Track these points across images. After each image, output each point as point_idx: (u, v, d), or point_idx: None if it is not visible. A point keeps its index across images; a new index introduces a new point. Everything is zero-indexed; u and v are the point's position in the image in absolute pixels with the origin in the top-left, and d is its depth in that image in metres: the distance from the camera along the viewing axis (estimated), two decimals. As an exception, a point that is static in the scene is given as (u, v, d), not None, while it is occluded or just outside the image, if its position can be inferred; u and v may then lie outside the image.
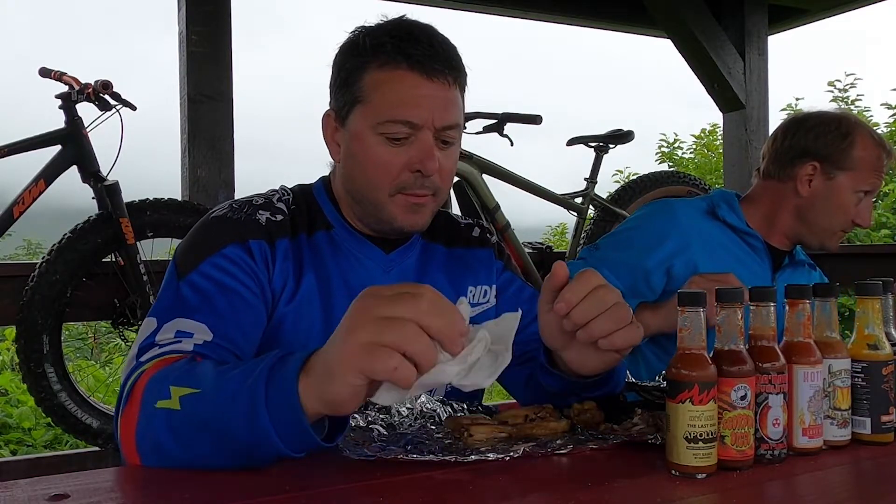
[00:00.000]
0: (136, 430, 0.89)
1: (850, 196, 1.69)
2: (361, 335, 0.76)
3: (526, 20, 4.30)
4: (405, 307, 0.76)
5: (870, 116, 10.11)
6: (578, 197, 3.23)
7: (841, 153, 1.69)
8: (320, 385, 0.78)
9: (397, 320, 0.75)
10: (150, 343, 1.00)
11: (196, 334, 1.00)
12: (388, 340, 0.75)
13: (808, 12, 4.24)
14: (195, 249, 1.10)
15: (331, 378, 0.77)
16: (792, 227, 1.74)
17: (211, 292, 1.05)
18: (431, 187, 1.14)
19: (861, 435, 0.99)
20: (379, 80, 1.12)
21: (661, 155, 10.50)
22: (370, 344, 0.75)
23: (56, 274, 2.40)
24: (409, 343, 0.75)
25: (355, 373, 0.75)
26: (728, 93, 4.05)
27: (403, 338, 0.75)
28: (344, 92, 1.15)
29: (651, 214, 1.76)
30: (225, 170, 3.01)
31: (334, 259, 1.18)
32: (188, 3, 2.96)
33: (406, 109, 1.10)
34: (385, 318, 0.76)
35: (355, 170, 1.16)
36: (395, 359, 0.74)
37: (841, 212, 1.70)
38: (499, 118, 3.00)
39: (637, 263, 1.66)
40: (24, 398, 4.46)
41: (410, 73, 1.10)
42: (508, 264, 1.36)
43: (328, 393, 0.78)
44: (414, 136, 1.11)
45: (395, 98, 1.10)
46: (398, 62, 1.10)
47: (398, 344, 0.74)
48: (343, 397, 0.77)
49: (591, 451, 0.95)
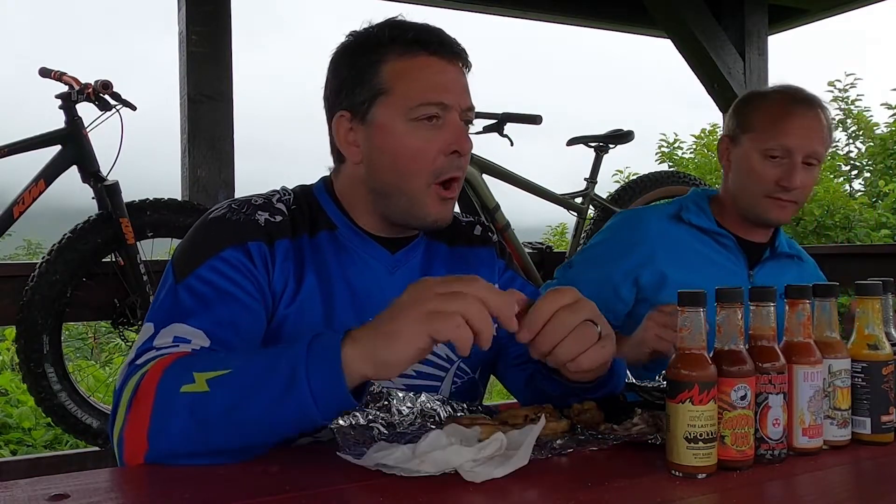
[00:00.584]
0: (148, 422, 0.89)
1: (756, 157, 1.63)
2: (427, 305, 0.86)
3: (526, 20, 4.29)
4: (465, 285, 0.88)
5: (870, 116, 10.12)
6: (578, 197, 3.22)
7: (743, 118, 1.68)
8: (377, 349, 0.86)
9: (459, 293, 0.87)
10: (148, 348, 1.00)
11: (193, 340, 1.00)
12: (452, 308, 0.86)
13: (808, 12, 4.24)
14: (193, 252, 1.09)
15: (395, 340, 0.86)
16: (736, 208, 1.70)
17: (209, 297, 1.04)
18: (462, 168, 1.16)
19: (861, 435, 0.99)
20: (401, 68, 1.13)
21: (661, 155, 10.50)
22: (436, 310, 0.86)
23: (56, 274, 2.40)
24: (471, 311, 0.86)
25: (423, 335, 0.86)
26: (728, 93, 4.04)
27: (466, 307, 0.86)
28: (361, 89, 1.14)
29: (618, 226, 1.75)
30: (225, 170, 3.01)
31: (337, 259, 1.16)
32: (188, 3, 2.96)
33: (437, 92, 1.12)
34: (447, 292, 0.87)
35: (385, 163, 1.14)
36: (457, 320, 0.85)
37: (754, 175, 1.64)
38: (499, 118, 2.99)
39: (606, 277, 1.66)
40: (24, 398, 4.46)
41: (432, 58, 1.13)
42: (510, 263, 1.35)
43: (390, 354, 0.86)
44: (443, 120, 1.13)
45: (425, 83, 1.12)
46: (417, 50, 1.13)
47: (462, 311, 0.85)
48: (404, 357, 0.87)
49: (591, 451, 0.95)
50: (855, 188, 10.15)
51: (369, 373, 0.87)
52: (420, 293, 0.88)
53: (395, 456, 0.84)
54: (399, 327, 0.87)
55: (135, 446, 0.90)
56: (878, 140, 9.97)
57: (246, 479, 0.84)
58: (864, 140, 10.15)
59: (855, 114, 10.14)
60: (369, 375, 0.87)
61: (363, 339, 0.88)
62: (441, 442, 0.86)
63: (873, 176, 9.96)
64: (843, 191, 9.39)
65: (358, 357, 0.87)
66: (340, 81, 1.17)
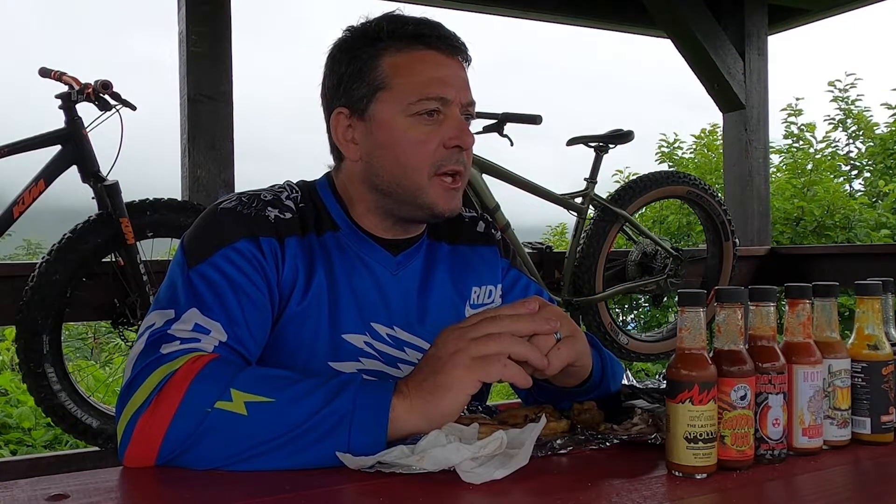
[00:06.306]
0: (168, 426, 0.87)
1: None
2: (468, 352, 0.90)
3: (526, 20, 4.30)
4: (493, 325, 0.92)
5: (870, 116, 10.11)
6: (578, 197, 3.22)
7: None
8: (429, 404, 0.89)
9: (492, 335, 0.91)
10: (166, 333, 0.97)
11: (213, 332, 0.99)
12: (493, 350, 0.90)
13: (808, 12, 4.24)
14: (207, 238, 1.07)
15: (447, 392, 0.89)
16: None
17: (223, 289, 1.03)
18: (463, 162, 1.15)
19: (861, 435, 0.99)
20: (400, 63, 1.12)
21: (661, 155, 10.49)
22: (478, 356, 0.90)
23: (56, 274, 2.40)
24: (510, 349, 0.90)
25: (473, 382, 0.89)
26: (728, 93, 4.05)
27: (503, 346, 0.90)
28: (359, 84, 1.13)
29: None
30: (225, 170, 3.01)
31: (341, 261, 1.15)
32: (188, 3, 2.96)
33: (437, 86, 1.11)
34: (481, 336, 0.91)
35: (386, 158, 1.13)
36: (502, 360, 0.90)
37: None
38: (499, 118, 2.99)
39: None
40: (24, 398, 4.46)
41: (431, 52, 1.13)
42: (514, 262, 1.33)
43: (442, 406, 0.89)
44: (443, 114, 1.12)
45: (424, 77, 1.11)
46: (415, 44, 1.12)
47: (501, 350, 0.90)
48: (458, 407, 0.90)
49: (590, 451, 0.95)
50: (855, 188, 10.15)
51: (423, 427, 0.88)
52: (456, 343, 0.91)
53: (393, 454, 0.84)
54: (448, 379, 0.89)
55: (145, 448, 0.88)
56: (878, 140, 9.96)
57: (245, 479, 0.84)
58: (864, 140, 10.15)
59: (855, 114, 10.13)
60: (422, 429, 0.88)
61: (412, 396, 0.89)
62: (440, 440, 0.86)
63: (873, 176, 9.96)
64: (843, 191, 9.38)
65: (407, 412, 0.89)
66: (338, 77, 1.15)
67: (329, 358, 1.11)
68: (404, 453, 0.84)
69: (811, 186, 8.72)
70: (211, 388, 0.88)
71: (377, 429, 0.87)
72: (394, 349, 1.15)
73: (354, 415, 0.87)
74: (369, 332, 1.14)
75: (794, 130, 10.34)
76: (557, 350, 0.96)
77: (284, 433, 0.87)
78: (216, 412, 0.87)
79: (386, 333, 1.15)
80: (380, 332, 1.15)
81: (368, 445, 0.86)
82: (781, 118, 10.32)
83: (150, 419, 0.88)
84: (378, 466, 0.85)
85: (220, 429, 0.87)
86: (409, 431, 0.89)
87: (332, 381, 0.90)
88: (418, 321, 1.18)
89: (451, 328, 0.94)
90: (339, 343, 1.12)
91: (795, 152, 10.28)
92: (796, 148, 10.37)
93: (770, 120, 4.21)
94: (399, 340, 1.16)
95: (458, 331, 0.93)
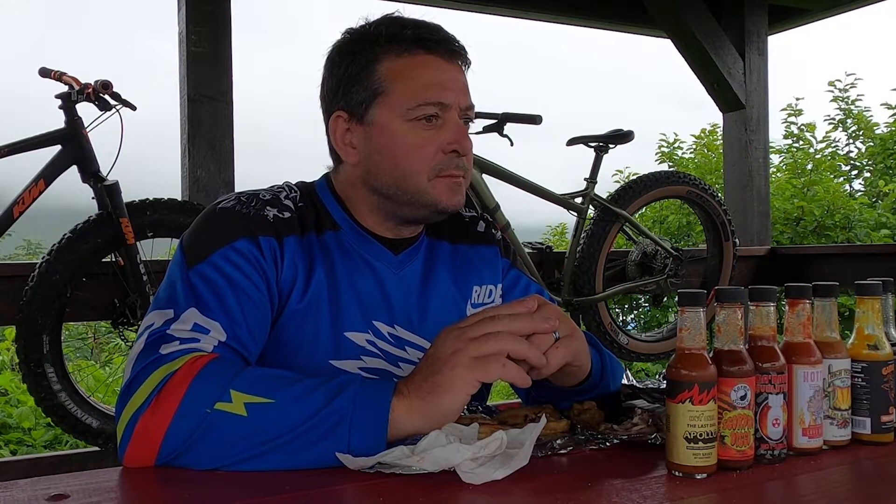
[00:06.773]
0: (168, 427, 0.87)
1: None
2: (467, 352, 0.90)
3: (526, 20, 4.30)
4: (492, 324, 0.92)
5: (870, 116, 10.10)
6: (578, 197, 3.22)
7: None
8: (429, 404, 0.89)
9: (491, 334, 0.91)
10: (165, 333, 0.97)
11: (212, 332, 0.99)
12: (492, 350, 0.90)
13: (808, 12, 4.24)
14: (206, 238, 1.07)
15: (447, 391, 0.89)
16: None
17: (222, 288, 1.03)
18: (463, 167, 1.15)
19: (861, 435, 0.99)
20: (398, 67, 1.12)
21: (661, 155, 10.48)
22: (477, 356, 0.90)
23: (56, 274, 2.40)
24: (510, 347, 0.90)
25: (472, 382, 0.89)
26: (728, 93, 4.05)
27: (503, 345, 0.90)
28: (358, 88, 1.13)
29: None
30: (225, 170, 3.01)
31: (343, 261, 1.15)
32: (188, 3, 2.96)
33: (435, 91, 1.11)
34: (479, 336, 0.91)
35: (385, 163, 1.13)
36: (501, 360, 0.90)
37: None
38: (499, 118, 2.99)
39: None
40: (24, 398, 4.46)
41: (430, 57, 1.12)
42: (514, 261, 1.33)
43: (442, 407, 0.89)
44: (442, 119, 1.12)
45: (423, 81, 1.11)
46: (414, 48, 1.12)
47: (500, 349, 0.90)
48: (458, 407, 0.90)
49: (590, 451, 0.95)
50: (855, 188, 10.15)
51: (423, 427, 0.88)
52: (455, 343, 0.91)
53: (393, 454, 0.84)
54: (447, 379, 0.89)
55: (145, 448, 0.88)
56: (878, 140, 9.96)
57: (245, 479, 0.84)
58: (864, 140, 10.15)
59: (855, 114, 10.13)
60: (423, 430, 0.88)
61: (412, 396, 0.89)
62: (440, 440, 0.86)
63: (873, 176, 9.95)
64: (843, 191, 9.37)
65: (407, 413, 0.89)
66: (337, 80, 1.15)
67: (331, 356, 1.11)
68: (404, 454, 0.84)
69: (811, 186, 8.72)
70: (211, 389, 0.88)
71: (377, 429, 0.87)
72: (395, 348, 1.16)
73: (354, 415, 0.87)
74: (371, 330, 1.14)
75: (794, 130, 10.34)
76: (556, 349, 0.96)
77: (284, 434, 0.86)
78: (216, 413, 0.87)
79: (387, 332, 1.15)
80: (381, 331, 1.15)
81: (368, 446, 0.86)
82: (781, 118, 10.32)
83: (150, 419, 0.88)
84: (378, 467, 0.85)
85: (220, 429, 0.87)
86: (409, 432, 0.89)
87: (331, 382, 0.90)
88: (419, 320, 1.18)
89: (449, 328, 0.94)
90: (341, 341, 1.12)
91: (795, 152, 10.28)
92: (796, 148, 10.37)
93: (770, 120, 4.21)
94: (400, 339, 1.16)
95: (456, 331, 0.93)
